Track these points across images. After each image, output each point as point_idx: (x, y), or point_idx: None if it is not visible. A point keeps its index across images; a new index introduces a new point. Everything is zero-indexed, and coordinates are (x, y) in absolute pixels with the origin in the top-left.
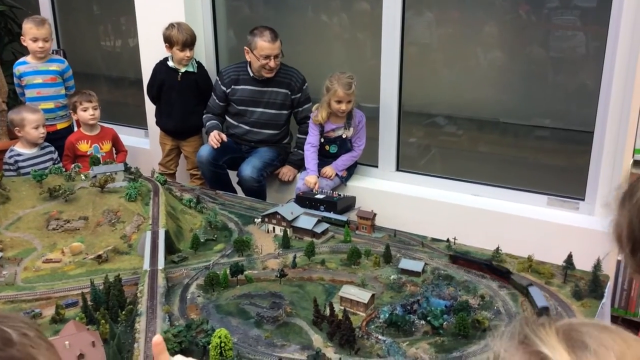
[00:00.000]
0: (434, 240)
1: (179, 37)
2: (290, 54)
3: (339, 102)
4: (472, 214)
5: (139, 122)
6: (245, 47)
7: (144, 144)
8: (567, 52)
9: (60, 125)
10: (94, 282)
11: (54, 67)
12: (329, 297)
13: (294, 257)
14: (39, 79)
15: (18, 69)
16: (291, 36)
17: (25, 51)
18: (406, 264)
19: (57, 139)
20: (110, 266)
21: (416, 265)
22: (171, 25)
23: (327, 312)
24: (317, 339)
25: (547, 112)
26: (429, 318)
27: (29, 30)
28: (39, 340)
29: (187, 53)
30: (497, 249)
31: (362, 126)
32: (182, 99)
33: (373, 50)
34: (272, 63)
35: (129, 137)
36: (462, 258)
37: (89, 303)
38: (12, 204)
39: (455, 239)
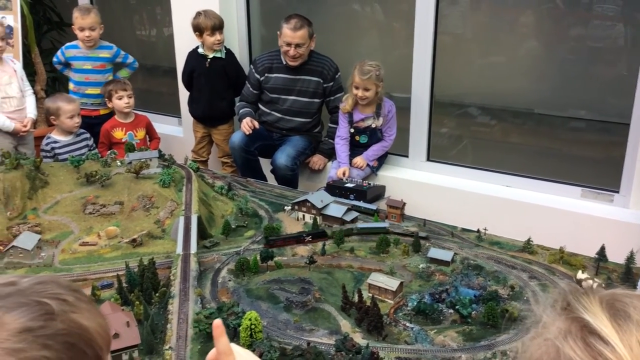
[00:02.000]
0: (464, 230)
1: (207, 23)
2: (323, 43)
3: (356, 87)
4: (503, 205)
5: (173, 110)
6: (278, 32)
7: (177, 132)
8: (605, 42)
9: (103, 111)
10: (129, 264)
11: (103, 54)
12: (358, 284)
13: (323, 245)
14: (88, 65)
15: (69, 51)
16: (324, 25)
17: (65, 39)
18: (435, 253)
19: (98, 123)
20: (144, 250)
21: (445, 255)
22: (198, 14)
23: (356, 298)
24: (345, 325)
25: (583, 103)
26: (457, 307)
27: (76, 19)
28: (79, 302)
29: (218, 37)
30: (529, 240)
31: (392, 116)
32: (210, 84)
33: (405, 39)
34: (291, 51)
35: (162, 125)
36: (277, 239)
37: (124, 285)
38: (50, 188)
39: (485, 229)
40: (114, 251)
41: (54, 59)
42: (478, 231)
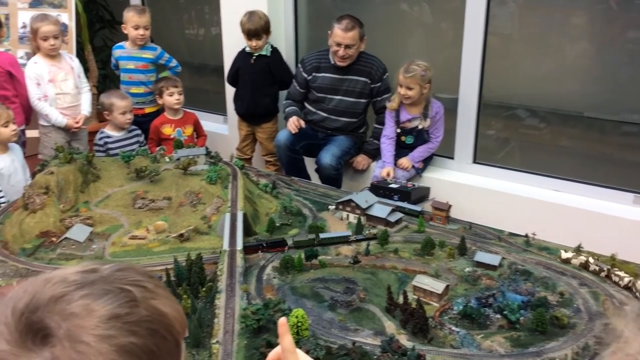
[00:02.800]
0: (511, 234)
1: (245, 27)
2: (370, 43)
3: (400, 86)
4: (552, 210)
5: (218, 108)
6: (329, 32)
7: (223, 129)
8: None
9: (149, 109)
10: (177, 259)
11: (147, 54)
12: (402, 285)
13: (368, 245)
14: (131, 65)
15: (116, 52)
16: (372, 25)
17: (116, 37)
18: (482, 257)
19: (145, 122)
20: (191, 245)
21: (493, 259)
22: (245, 14)
23: (400, 300)
24: (390, 326)
25: (636, 107)
26: (505, 312)
27: (131, 18)
28: (157, 289)
29: (253, 43)
30: (579, 246)
31: (440, 117)
32: (254, 82)
33: (452, 39)
34: (341, 51)
35: (208, 122)
36: (249, 246)
37: (172, 279)
38: (102, 182)
39: (534, 234)
40: (161, 245)
41: (113, 67)
42: (526, 236)
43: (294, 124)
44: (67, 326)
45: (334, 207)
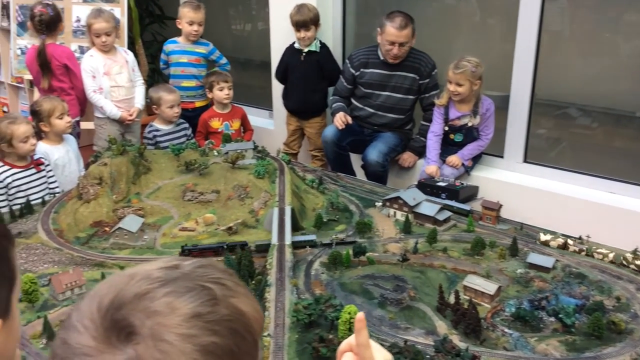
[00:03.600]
0: (564, 236)
1: (294, 18)
2: (418, 39)
3: (450, 82)
4: (606, 212)
5: (264, 103)
6: (378, 29)
7: (268, 124)
8: None
9: (199, 103)
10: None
11: (200, 49)
12: (451, 285)
13: (416, 243)
14: (184, 59)
15: (168, 46)
16: (419, 20)
17: (165, 32)
18: (535, 258)
19: (194, 116)
20: (238, 238)
21: (546, 261)
22: (294, 7)
23: (451, 299)
24: (441, 326)
25: None
26: (560, 315)
27: (187, 13)
28: (236, 287)
29: (302, 34)
30: (636, 250)
31: (490, 114)
32: (303, 78)
33: (503, 35)
34: (395, 50)
35: (253, 117)
36: (193, 249)
37: None
38: (152, 174)
39: (588, 236)
40: (210, 238)
41: (161, 63)
42: (580, 238)
43: (340, 119)
44: (151, 324)
45: (381, 204)
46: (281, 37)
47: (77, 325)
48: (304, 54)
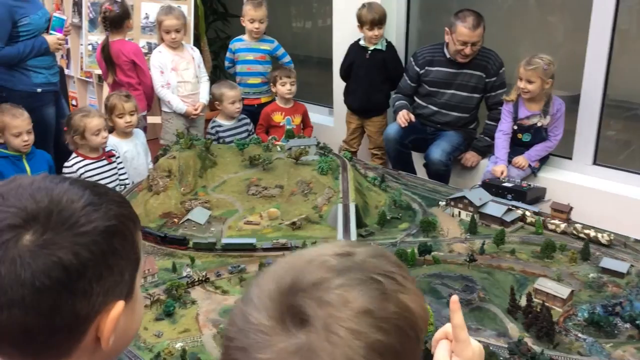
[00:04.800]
0: (637, 241)
1: (368, 16)
2: (485, 36)
3: (520, 79)
4: None
5: (323, 100)
6: (446, 28)
7: (328, 121)
8: None
9: (264, 99)
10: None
11: (265, 46)
12: (521, 287)
13: (483, 244)
14: (250, 56)
15: (234, 45)
16: (486, 17)
17: (228, 30)
18: (609, 263)
19: (259, 112)
20: (303, 233)
21: (621, 266)
22: (362, 5)
23: (523, 302)
24: (513, 328)
25: None
26: (637, 322)
27: (248, 11)
28: (406, 282)
29: (375, 32)
30: None
31: (561, 115)
32: (368, 76)
33: (572, 34)
34: (467, 50)
35: (313, 114)
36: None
37: None
38: (218, 168)
39: None
40: (275, 232)
41: (227, 62)
42: None
43: (403, 117)
44: (323, 314)
45: (444, 203)
46: (344, 34)
47: (257, 302)
48: (369, 51)
